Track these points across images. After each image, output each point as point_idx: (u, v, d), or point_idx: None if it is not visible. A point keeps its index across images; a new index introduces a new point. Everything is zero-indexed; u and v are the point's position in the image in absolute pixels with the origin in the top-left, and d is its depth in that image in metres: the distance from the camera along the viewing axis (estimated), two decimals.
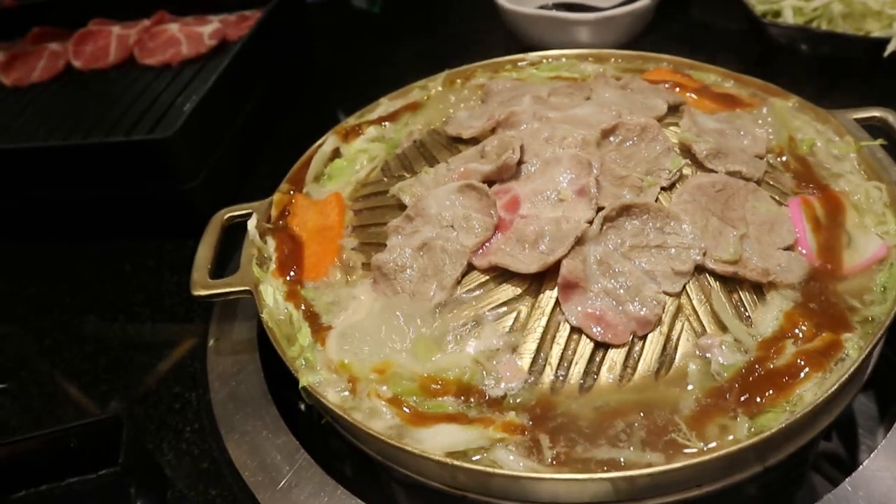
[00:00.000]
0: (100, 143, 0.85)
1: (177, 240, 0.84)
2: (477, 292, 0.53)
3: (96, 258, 0.85)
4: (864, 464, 0.51)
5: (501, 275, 0.52)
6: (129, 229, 0.87)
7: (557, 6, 1.05)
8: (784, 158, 0.64)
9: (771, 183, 0.60)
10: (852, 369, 0.47)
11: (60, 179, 0.85)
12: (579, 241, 0.51)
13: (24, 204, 0.88)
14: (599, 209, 0.53)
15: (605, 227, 0.52)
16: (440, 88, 0.78)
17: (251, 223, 0.64)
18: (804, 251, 0.55)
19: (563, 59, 0.81)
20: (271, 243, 0.63)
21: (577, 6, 1.05)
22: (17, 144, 0.90)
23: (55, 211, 0.89)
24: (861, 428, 0.70)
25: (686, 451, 0.45)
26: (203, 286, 0.61)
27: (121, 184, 0.83)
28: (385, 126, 0.74)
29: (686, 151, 0.60)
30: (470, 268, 0.53)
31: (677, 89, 0.72)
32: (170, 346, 0.72)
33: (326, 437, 0.60)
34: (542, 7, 1.04)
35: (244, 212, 0.68)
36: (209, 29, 1.05)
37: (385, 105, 0.77)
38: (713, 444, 0.45)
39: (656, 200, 0.55)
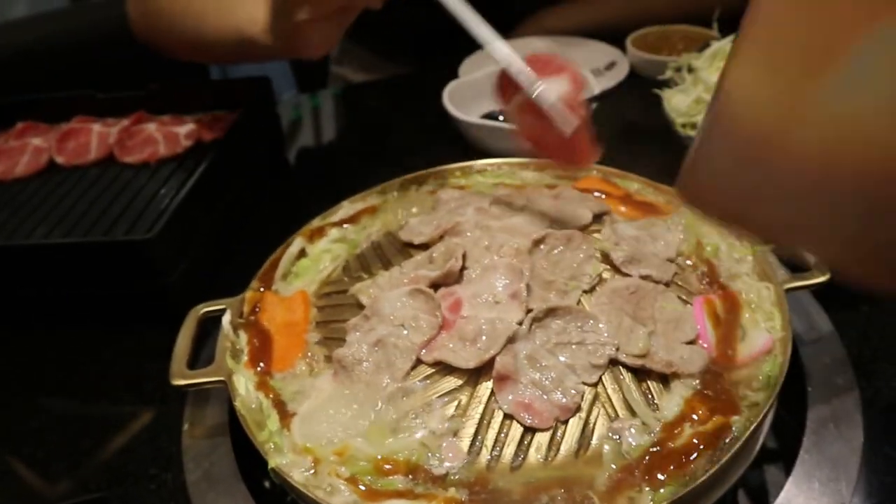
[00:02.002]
0: (82, 242, 0.91)
1: (154, 329, 0.90)
2: (424, 383, 0.61)
3: (78, 344, 0.91)
4: None
5: (445, 368, 0.61)
6: (108, 319, 0.93)
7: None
8: (691, 261, 0.74)
9: (679, 283, 0.70)
10: (737, 447, 0.56)
11: (42, 277, 0.91)
12: (511, 340, 0.60)
13: (7, 295, 0.95)
14: (529, 311, 0.63)
15: (533, 327, 0.61)
16: (395, 193, 0.87)
17: (225, 319, 0.72)
18: (705, 345, 0.65)
19: (505, 168, 0.91)
20: (243, 337, 0.71)
21: None
22: (2, 242, 0.96)
23: (35, 300, 0.95)
24: (771, 497, 0.78)
25: None
26: (181, 376, 0.68)
27: (101, 280, 0.90)
28: (346, 227, 0.83)
29: (605, 258, 0.70)
30: (418, 362, 0.62)
31: (603, 196, 0.83)
32: (147, 429, 0.78)
33: None
34: (487, 115, 1.15)
35: (218, 307, 0.75)
36: (185, 129, 1.14)
37: (346, 208, 0.86)
38: None
39: (578, 303, 0.65)
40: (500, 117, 1.16)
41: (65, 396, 0.85)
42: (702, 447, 0.57)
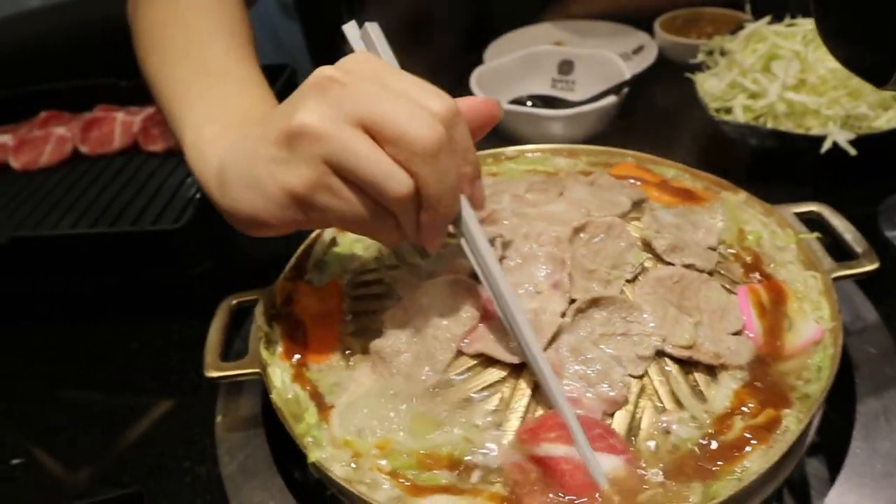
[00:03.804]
0: (110, 232, 0.91)
1: (180, 321, 0.90)
2: (465, 375, 0.59)
3: (103, 337, 0.91)
4: None
5: (486, 360, 0.59)
6: (133, 310, 0.93)
7: (533, 98, 1.15)
8: (734, 249, 0.72)
9: (722, 273, 0.68)
10: (792, 442, 0.54)
11: (68, 268, 0.91)
12: (555, 333, 0.58)
13: (33, 288, 0.94)
14: (572, 301, 0.61)
15: (577, 318, 0.60)
16: None
17: (258, 310, 0.71)
18: (751, 335, 0.63)
19: (538, 154, 0.89)
20: (277, 328, 0.70)
21: (550, 99, 1.15)
22: (27, 233, 0.96)
23: (61, 293, 0.94)
24: (814, 490, 0.77)
25: None
26: (216, 368, 0.67)
27: (127, 271, 0.89)
28: None
29: (647, 246, 0.68)
30: (459, 353, 0.60)
31: (639, 183, 0.81)
32: (178, 422, 0.77)
33: None
34: (516, 100, 1.13)
35: (250, 298, 0.74)
36: None
37: None
38: None
39: (621, 292, 0.63)
40: (528, 103, 1.14)
41: (92, 390, 0.85)
42: (754, 441, 0.55)
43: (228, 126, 0.66)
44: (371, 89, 0.50)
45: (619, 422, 0.56)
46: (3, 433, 0.81)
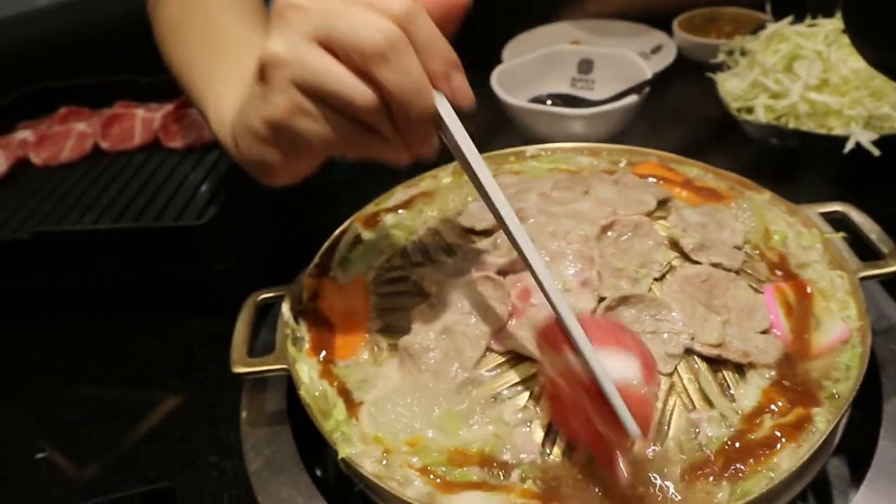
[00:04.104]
0: (133, 227, 0.91)
1: (203, 317, 0.90)
2: (495, 372, 0.60)
3: (125, 332, 0.91)
4: None
5: (515, 357, 0.60)
6: (155, 306, 0.93)
7: (552, 97, 1.15)
8: (760, 249, 0.72)
9: (748, 272, 0.68)
10: (822, 440, 0.54)
11: (89, 264, 0.91)
12: None
13: (56, 284, 0.94)
14: (601, 299, 0.61)
15: (606, 316, 0.60)
16: (450, 179, 0.86)
17: (285, 306, 0.71)
18: (779, 334, 0.63)
19: (560, 152, 0.89)
20: (303, 325, 0.70)
21: (570, 98, 1.15)
22: (50, 227, 0.96)
23: (83, 288, 0.95)
24: (835, 489, 0.77)
25: None
26: (243, 364, 0.68)
27: (149, 267, 0.89)
28: (401, 213, 0.82)
29: (674, 245, 0.68)
30: (488, 351, 0.60)
31: (662, 183, 0.81)
32: (203, 418, 0.78)
33: (349, 502, 0.66)
34: (535, 99, 1.13)
35: (276, 294, 0.75)
36: None
37: (400, 193, 0.85)
38: None
39: (650, 290, 0.63)
40: (548, 101, 1.14)
41: (115, 386, 0.85)
42: (784, 440, 0.55)
43: (241, 92, 0.67)
44: (327, 6, 0.49)
45: None
46: (24, 429, 0.82)
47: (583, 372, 0.50)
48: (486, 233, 0.71)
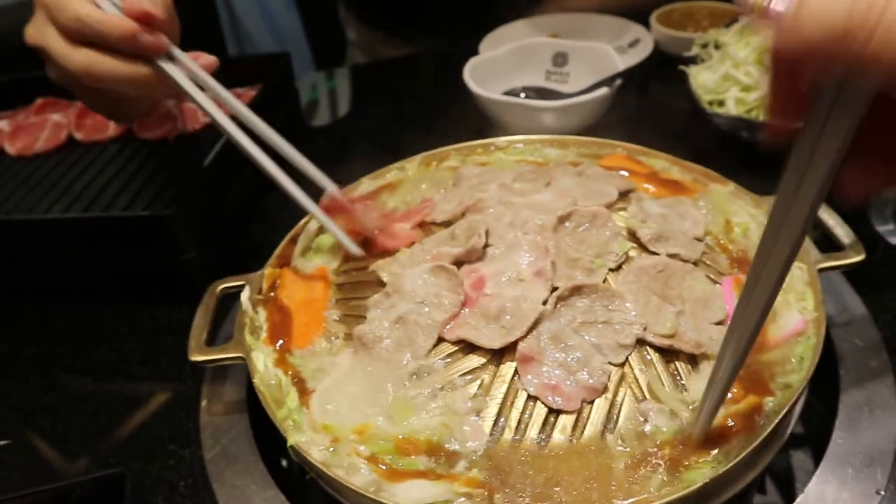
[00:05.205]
0: (102, 216, 0.91)
1: (171, 305, 0.90)
2: (446, 361, 0.60)
3: (93, 320, 0.91)
4: None
5: (467, 346, 0.60)
6: (123, 294, 0.93)
7: (526, 90, 1.15)
8: (720, 241, 0.72)
9: (708, 263, 0.68)
10: (770, 429, 0.54)
11: (59, 252, 0.91)
12: (536, 321, 0.58)
13: (24, 270, 0.94)
14: (554, 289, 0.61)
15: (558, 306, 0.60)
16: (415, 170, 0.86)
17: (244, 295, 0.71)
18: None
19: (528, 145, 0.89)
20: (262, 314, 0.70)
21: (543, 91, 1.14)
22: (20, 216, 0.96)
23: (52, 276, 0.94)
24: (798, 482, 0.77)
25: (619, 502, 0.51)
26: (200, 352, 0.68)
27: (118, 256, 0.89)
28: (366, 205, 0.82)
29: (632, 235, 0.68)
30: (440, 340, 0.60)
31: (628, 174, 0.81)
32: (165, 406, 0.77)
33: (307, 491, 0.66)
34: (509, 92, 1.13)
35: (237, 284, 0.74)
36: None
37: (366, 184, 0.85)
38: (645, 496, 0.51)
39: (604, 281, 0.63)
40: (522, 94, 1.14)
41: (81, 373, 0.85)
42: (735, 428, 0.55)
43: None
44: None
45: (599, 409, 0.56)
46: None
47: None
48: (446, 224, 0.71)
